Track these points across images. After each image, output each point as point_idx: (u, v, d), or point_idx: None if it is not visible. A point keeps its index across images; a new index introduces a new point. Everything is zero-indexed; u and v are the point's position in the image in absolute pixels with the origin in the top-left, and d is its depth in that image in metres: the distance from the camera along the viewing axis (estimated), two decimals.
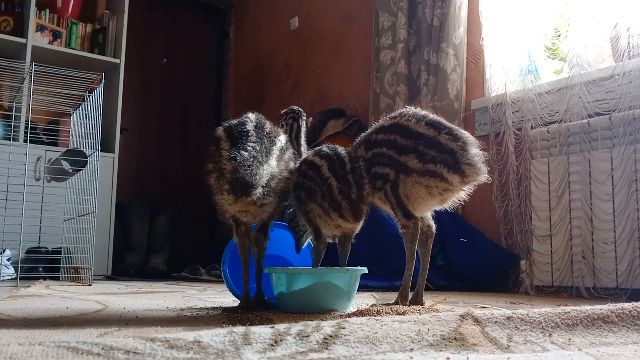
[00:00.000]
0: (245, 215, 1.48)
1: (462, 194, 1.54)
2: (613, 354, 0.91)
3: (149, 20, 5.20)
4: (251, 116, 1.49)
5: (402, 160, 1.49)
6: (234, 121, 1.49)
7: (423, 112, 1.55)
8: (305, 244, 1.73)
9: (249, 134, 1.41)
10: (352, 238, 1.66)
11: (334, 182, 1.51)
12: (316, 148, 1.63)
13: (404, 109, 1.59)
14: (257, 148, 1.38)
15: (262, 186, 1.36)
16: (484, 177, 1.46)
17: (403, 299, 1.60)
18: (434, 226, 1.63)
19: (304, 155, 1.70)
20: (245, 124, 1.44)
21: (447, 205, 1.57)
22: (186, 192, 5.20)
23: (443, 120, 1.53)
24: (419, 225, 1.54)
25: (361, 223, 1.62)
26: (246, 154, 1.34)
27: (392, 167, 1.51)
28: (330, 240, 1.67)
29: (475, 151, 1.46)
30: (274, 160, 1.42)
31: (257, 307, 1.55)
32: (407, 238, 1.55)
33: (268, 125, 1.49)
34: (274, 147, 1.45)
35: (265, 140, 1.43)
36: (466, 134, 1.50)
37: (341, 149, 1.59)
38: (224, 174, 1.35)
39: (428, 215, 1.63)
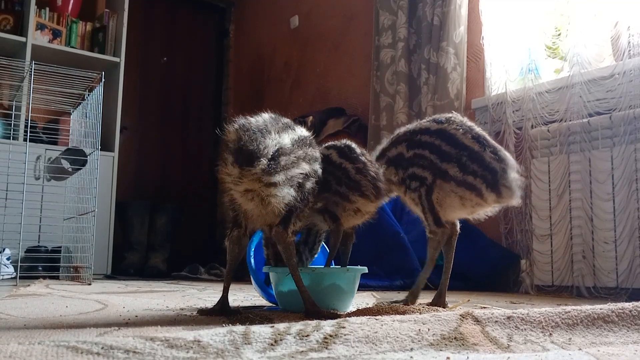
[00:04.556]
0: (252, 198, 1.30)
1: (490, 210, 1.57)
2: (613, 354, 0.91)
3: (148, 18, 5.19)
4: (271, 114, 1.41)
5: (442, 167, 1.51)
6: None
7: (469, 123, 1.57)
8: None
9: (261, 115, 1.34)
10: (354, 238, 1.66)
11: (349, 164, 1.49)
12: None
13: (451, 115, 1.60)
14: (267, 121, 1.30)
15: (269, 158, 1.23)
16: (517, 201, 1.51)
17: (413, 298, 1.62)
18: (458, 225, 1.64)
19: None
20: (261, 114, 1.37)
21: (473, 216, 1.60)
22: (186, 191, 5.20)
23: (487, 136, 1.55)
24: (447, 232, 1.56)
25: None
26: (253, 120, 1.28)
27: (431, 171, 1.52)
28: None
29: (514, 175, 1.50)
30: (286, 138, 1.31)
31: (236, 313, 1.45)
32: (432, 244, 1.57)
33: (287, 120, 1.41)
34: (289, 129, 1.35)
35: (280, 123, 1.34)
36: (509, 156, 1.53)
37: (345, 140, 1.57)
38: (227, 146, 1.26)
39: None
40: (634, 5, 2.47)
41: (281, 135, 1.30)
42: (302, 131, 1.40)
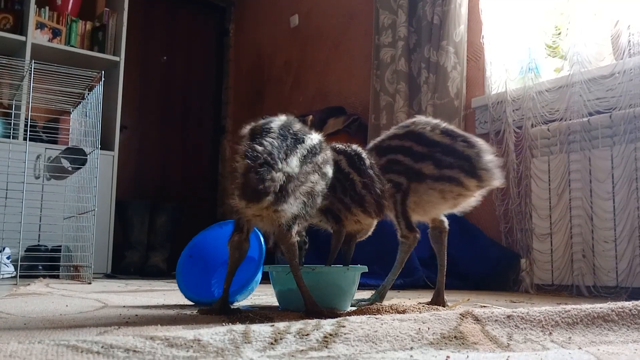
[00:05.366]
0: (261, 220, 1.35)
1: (473, 200, 1.59)
2: (613, 353, 0.91)
3: (148, 17, 5.19)
4: (282, 116, 1.40)
5: (416, 168, 1.53)
6: (263, 120, 1.39)
7: (435, 121, 1.60)
8: None
9: (271, 130, 1.31)
10: (357, 238, 1.66)
11: (356, 176, 1.49)
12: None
13: (415, 118, 1.63)
14: (276, 144, 1.27)
15: (276, 192, 1.23)
16: (498, 181, 1.53)
17: (381, 299, 1.66)
18: (446, 221, 1.66)
19: None
20: (271, 122, 1.35)
21: (458, 209, 1.61)
22: (186, 189, 5.20)
23: (456, 129, 1.58)
24: (417, 239, 1.59)
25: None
26: (260, 148, 1.24)
27: (405, 175, 1.54)
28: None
29: (490, 157, 1.52)
30: (295, 160, 1.29)
31: (234, 312, 1.45)
32: (404, 248, 1.60)
33: (298, 125, 1.39)
34: (299, 146, 1.32)
35: (289, 138, 1.32)
36: (480, 141, 1.55)
37: (356, 146, 1.57)
38: (236, 175, 1.26)
39: None
40: (634, 4, 2.47)
41: (289, 159, 1.28)
42: (311, 140, 1.38)
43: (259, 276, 1.78)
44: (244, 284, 1.71)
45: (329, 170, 1.43)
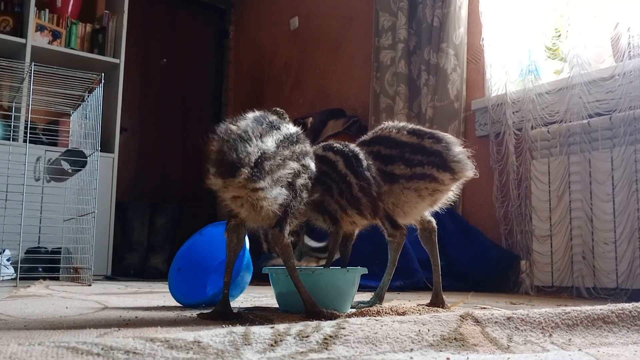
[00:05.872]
0: (242, 205, 1.31)
1: (450, 194, 1.60)
2: (613, 354, 0.91)
3: (148, 19, 5.20)
4: (256, 112, 1.39)
5: (388, 170, 1.55)
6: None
7: (402, 124, 1.62)
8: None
9: (245, 117, 1.32)
10: (354, 239, 1.66)
11: (353, 179, 1.49)
12: (323, 143, 1.59)
13: (382, 124, 1.65)
14: (250, 125, 1.27)
15: (251, 166, 1.22)
16: (471, 172, 1.54)
17: (379, 300, 1.68)
18: (433, 221, 1.68)
19: None
20: (246, 114, 1.35)
21: (437, 206, 1.62)
22: (186, 191, 5.20)
23: (423, 128, 1.60)
24: (405, 235, 1.61)
25: None
26: (234, 127, 1.25)
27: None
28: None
29: (459, 149, 1.54)
30: (270, 140, 1.28)
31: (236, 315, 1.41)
32: (393, 247, 1.62)
33: (273, 117, 1.38)
34: (274, 131, 1.31)
35: (265, 124, 1.31)
36: (448, 135, 1.57)
37: (353, 146, 1.57)
38: (209, 156, 1.25)
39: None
40: (634, 6, 2.48)
41: (264, 138, 1.27)
42: (287, 129, 1.38)
43: (248, 263, 1.75)
44: (234, 276, 1.70)
45: (311, 164, 1.41)
